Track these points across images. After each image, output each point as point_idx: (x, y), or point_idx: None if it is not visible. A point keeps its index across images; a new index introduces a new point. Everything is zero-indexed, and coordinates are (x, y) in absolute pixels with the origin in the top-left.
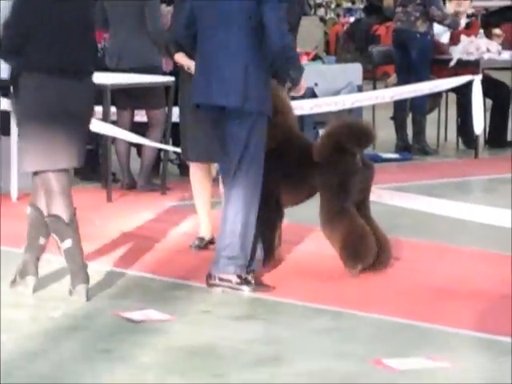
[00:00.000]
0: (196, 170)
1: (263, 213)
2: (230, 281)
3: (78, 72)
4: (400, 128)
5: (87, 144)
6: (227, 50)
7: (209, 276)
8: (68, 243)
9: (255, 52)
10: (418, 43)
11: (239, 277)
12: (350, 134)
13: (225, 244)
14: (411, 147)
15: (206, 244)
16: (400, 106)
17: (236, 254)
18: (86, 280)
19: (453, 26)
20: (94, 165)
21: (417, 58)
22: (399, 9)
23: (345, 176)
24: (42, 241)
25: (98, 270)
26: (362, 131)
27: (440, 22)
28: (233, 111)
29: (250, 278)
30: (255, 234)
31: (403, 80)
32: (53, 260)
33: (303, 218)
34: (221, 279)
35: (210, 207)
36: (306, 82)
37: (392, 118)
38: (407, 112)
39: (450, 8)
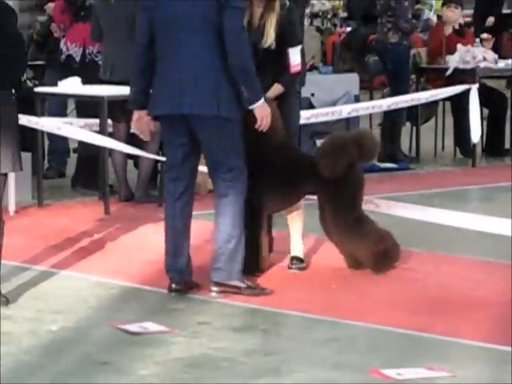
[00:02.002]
0: None
1: (248, 221)
2: (232, 286)
3: None
4: (387, 137)
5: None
6: (195, 61)
7: (211, 283)
8: None
9: (223, 59)
10: (390, 54)
11: (240, 282)
12: (360, 148)
13: (222, 251)
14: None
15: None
16: (389, 116)
17: (234, 260)
18: None
19: (426, 30)
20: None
21: (391, 67)
22: (378, 20)
23: (356, 186)
24: None
25: (95, 282)
26: (370, 144)
27: (409, 34)
28: (207, 119)
29: (249, 282)
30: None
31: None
32: (50, 273)
33: (283, 226)
34: (222, 285)
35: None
36: (267, 111)
37: (380, 125)
38: (403, 122)
39: (447, 15)
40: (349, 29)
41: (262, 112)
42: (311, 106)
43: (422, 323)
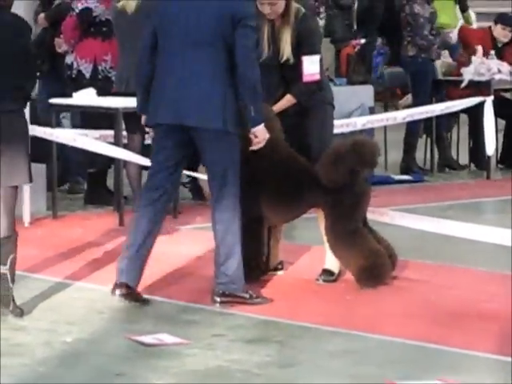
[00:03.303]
0: None
1: (247, 232)
2: (236, 296)
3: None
4: (410, 149)
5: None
6: (203, 74)
7: (214, 293)
8: None
9: (230, 74)
10: (409, 66)
11: (244, 291)
12: (360, 155)
13: (223, 263)
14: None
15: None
16: (412, 128)
17: (235, 270)
18: None
19: (443, 47)
20: (100, 188)
21: (411, 80)
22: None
23: (357, 196)
24: None
25: (109, 293)
26: (370, 152)
27: (425, 51)
28: (211, 133)
29: (251, 292)
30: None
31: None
32: (65, 284)
33: (299, 239)
34: (226, 295)
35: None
36: (266, 135)
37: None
38: (420, 134)
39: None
40: (363, 41)
41: (263, 135)
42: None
43: (436, 335)
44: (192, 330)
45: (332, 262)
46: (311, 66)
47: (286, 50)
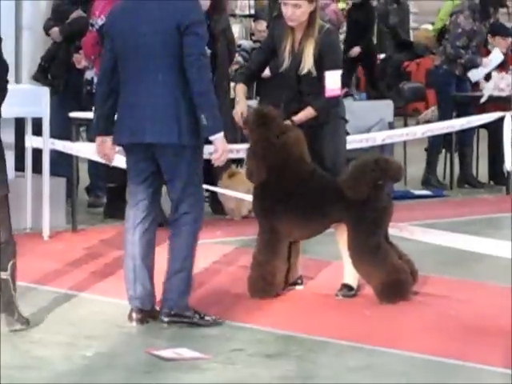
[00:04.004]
0: None
1: (268, 246)
2: (187, 316)
3: None
4: (432, 163)
5: (112, 182)
6: (155, 88)
7: (163, 312)
8: None
9: (184, 86)
10: (431, 76)
11: (195, 311)
12: (383, 170)
13: (172, 281)
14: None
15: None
16: (435, 142)
17: (184, 290)
18: None
19: (469, 65)
20: (120, 202)
21: (435, 91)
22: None
23: (380, 211)
24: None
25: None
26: (394, 167)
27: (453, 61)
28: (168, 148)
29: (201, 313)
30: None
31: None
32: (84, 298)
33: (318, 253)
34: (173, 315)
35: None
36: (226, 146)
37: (426, 150)
38: (452, 147)
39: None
40: (383, 55)
41: (222, 145)
42: (345, 133)
43: (455, 350)
44: (211, 345)
45: (351, 277)
46: (333, 82)
47: (308, 62)
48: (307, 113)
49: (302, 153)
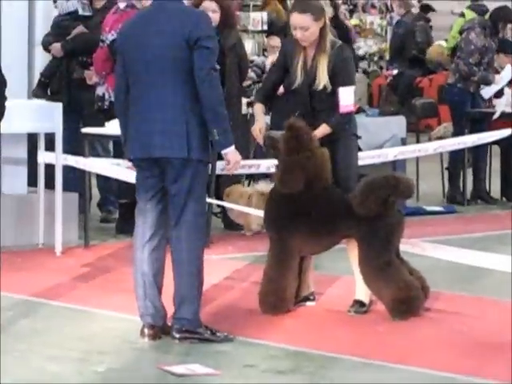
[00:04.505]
0: None
1: (279, 261)
2: (198, 332)
3: None
4: (455, 179)
5: (125, 198)
6: (165, 103)
7: (175, 329)
8: None
9: (194, 100)
10: (446, 94)
11: (206, 327)
12: (394, 187)
13: (181, 300)
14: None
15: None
16: (457, 157)
17: (196, 305)
18: None
19: (482, 82)
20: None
21: (450, 108)
22: None
23: (391, 228)
24: None
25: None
26: (405, 184)
27: (466, 78)
28: (176, 162)
29: (213, 329)
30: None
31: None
32: (96, 314)
33: (329, 269)
34: (189, 331)
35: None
36: (239, 158)
37: (447, 169)
38: (465, 163)
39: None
40: (395, 71)
41: (234, 158)
42: (358, 149)
43: (468, 367)
44: (223, 361)
45: (362, 293)
46: (347, 98)
47: (323, 78)
48: (323, 130)
49: (329, 170)
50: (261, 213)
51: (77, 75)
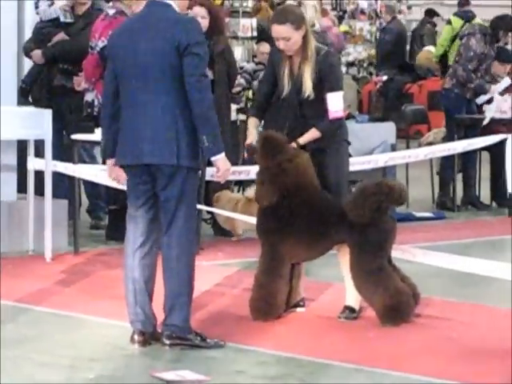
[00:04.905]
0: None
1: (270, 267)
2: (188, 339)
3: None
4: (445, 185)
5: (114, 204)
6: (155, 109)
7: (165, 335)
8: None
9: (184, 107)
10: (442, 99)
11: (196, 333)
12: (387, 194)
13: (172, 307)
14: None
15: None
16: (447, 163)
17: (186, 311)
18: None
19: (478, 91)
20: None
21: (445, 113)
22: None
23: (384, 234)
24: None
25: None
26: (398, 191)
27: (464, 84)
28: (166, 168)
29: (202, 335)
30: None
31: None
32: (87, 321)
33: (320, 275)
34: (179, 338)
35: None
36: (228, 165)
37: (438, 173)
38: (455, 169)
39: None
40: (385, 77)
41: (223, 165)
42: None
43: (457, 373)
44: (214, 367)
45: (353, 299)
46: (335, 103)
47: (308, 86)
48: (312, 134)
49: (312, 177)
50: (247, 218)
51: (57, 82)
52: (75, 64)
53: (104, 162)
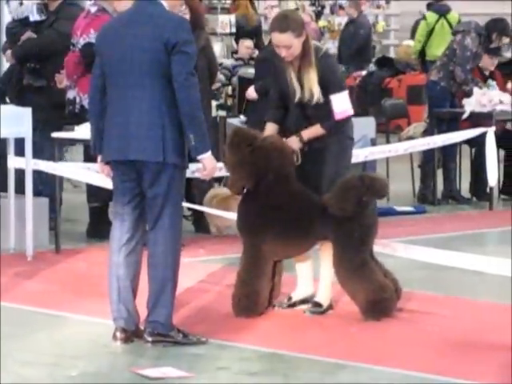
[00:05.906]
0: None
1: (252, 264)
2: (170, 336)
3: None
4: (426, 178)
5: (95, 202)
6: (142, 106)
7: (147, 332)
8: None
9: (171, 104)
10: (427, 90)
11: (178, 330)
12: (369, 187)
13: (155, 303)
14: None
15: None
16: (429, 156)
17: (169, 309)
18: None
19: (467, 93)
20: (103, 222)
21: (429, 105)
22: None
23: (365, 228)
24: None
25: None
26: (379, 184)
27: (460, 86)
28: (152, 165)
29: (185, 332)
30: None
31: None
32: (69, 318)
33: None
34: (161, 335)
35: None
36: (215, 164)
37: (420, 167)
38: (437, 162)
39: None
40: (364, 72)
41: (210, 164)
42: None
43: (440, 367)
44: (196, 363)
45: (323, 296)
46: (341, 104)
47: (315, 91)
48: (315, 130)
49: (281, 159)
50: (220, 213)
51: (26, 81)
52: (43, 62)
53: (86, 160)
